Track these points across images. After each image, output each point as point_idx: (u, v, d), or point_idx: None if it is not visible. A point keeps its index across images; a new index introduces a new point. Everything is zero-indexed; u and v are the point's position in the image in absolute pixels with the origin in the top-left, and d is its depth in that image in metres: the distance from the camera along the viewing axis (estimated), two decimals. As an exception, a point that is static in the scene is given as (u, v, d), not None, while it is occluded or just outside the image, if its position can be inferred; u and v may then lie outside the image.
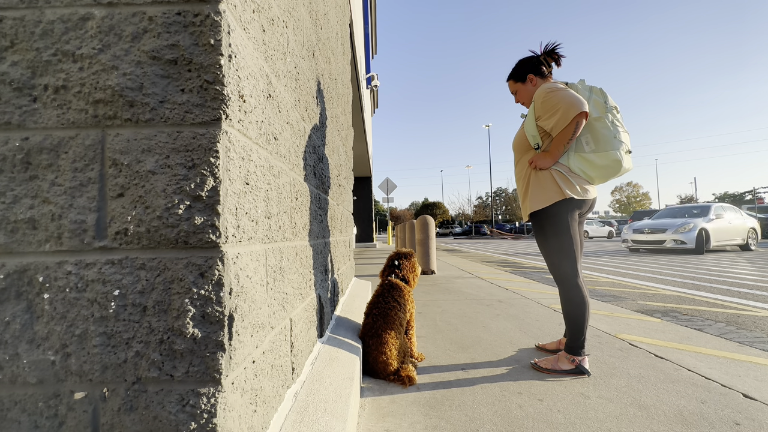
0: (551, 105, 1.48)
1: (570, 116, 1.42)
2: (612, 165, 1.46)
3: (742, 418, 1.17)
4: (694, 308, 2.99)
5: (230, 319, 0.65)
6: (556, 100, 1.46)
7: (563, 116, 1.44)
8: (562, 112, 1.44)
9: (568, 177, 1.51)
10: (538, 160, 1.55)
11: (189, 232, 0.64)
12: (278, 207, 0.98)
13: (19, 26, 0.66)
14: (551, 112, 1.48)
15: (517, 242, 18.90)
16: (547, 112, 1.50)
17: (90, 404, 0.62)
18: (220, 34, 0.66)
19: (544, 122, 1.53)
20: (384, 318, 1.57)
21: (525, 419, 1.19)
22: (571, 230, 1.52)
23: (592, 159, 1.48)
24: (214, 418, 0.62)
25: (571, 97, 1.43)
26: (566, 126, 1.45)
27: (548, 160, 1.53)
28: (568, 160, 1.53)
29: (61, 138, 0.65)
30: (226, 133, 0.67)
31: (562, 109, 1.44)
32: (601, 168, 1.48)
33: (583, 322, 1.51)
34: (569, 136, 1.46)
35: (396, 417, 1.22)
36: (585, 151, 1.50)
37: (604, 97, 1.52)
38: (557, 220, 1.53)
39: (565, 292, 1.55)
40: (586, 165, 1.50)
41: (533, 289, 3.67)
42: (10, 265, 0.64)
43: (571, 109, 1.42)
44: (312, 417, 0.92)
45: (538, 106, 1.54)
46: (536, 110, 1.56)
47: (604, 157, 1.47)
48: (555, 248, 1.55)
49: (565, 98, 1.44)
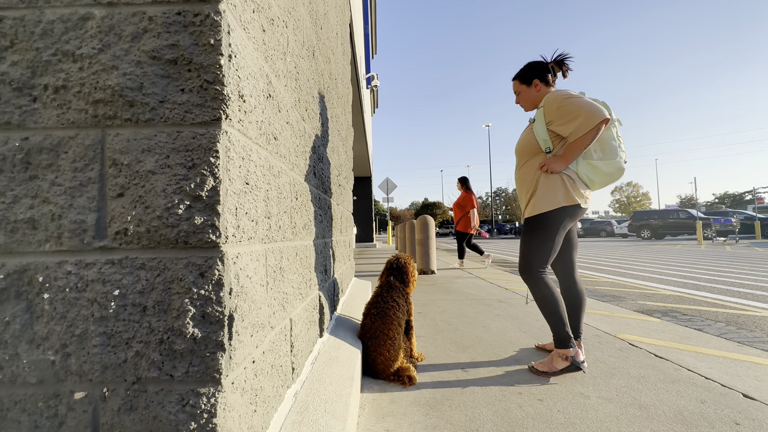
0: (569, 111, 1.51)
1: (593, 123, 1.46)
2: (615, 173, 1.56)
3: (742, 418, 1.17)
4: (694, 308, 2.99)
5: (230, 319, 0.65)
6: (575, 106, 1.49)
7: (585, 122, 1.47)
8: (585, 119, 1.47)
9: (576, 183, 1.58)
10: (551, 164, 1.57)
11: (189, 232, 0.64)
12: (278, 207, 0.98)
13: (19, 26, 0.66)
14: (569, 117, 1.51)
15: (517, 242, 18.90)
16: (563, 118, 1.53)
17: (90, 404, 0.62)
18: (220, 34, 0.66)
19: (559, 127, 1.55)
20: (383, 318, 1.57)
21: (525, 419, 1.19)
22: (557, 237, 1.58)
23: (600, 166, 1.56)
24: (214, 418, 0.62)
25: (592, 104, 1.48)
26: (587, 132, 1.48)
27: (561, 164, 1.56)
28: (576, 166, 1.58)
29: (61, 138, 0.65)
30: (226, 133, 0.67)
31: (584, 115, 1.47)
32: (605, 175, 1.57)
33: (559, 311, 1.55)
34: (588, 142, 1.50)
35: (396, 417, 1.22)
36: (593, 159, 1.57)
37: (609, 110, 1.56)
38: (554, 224, 1.57)
39: (532, 287, 1.61)
40: (593, 172, 1.57)
41: (533, 289, 3.67)
42: (10, 265, 0.64)
43: (594, 116, 1.45)
44: (312, 417, 0.92)
45: (552, 111, 1.56)
46: (547, 115, 1.59)
47: (610, 165, 1.55)
48: (536, 248, 1.59)
49: (586, 105, 1.48)
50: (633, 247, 12.18)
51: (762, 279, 4.52)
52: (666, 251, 9.58)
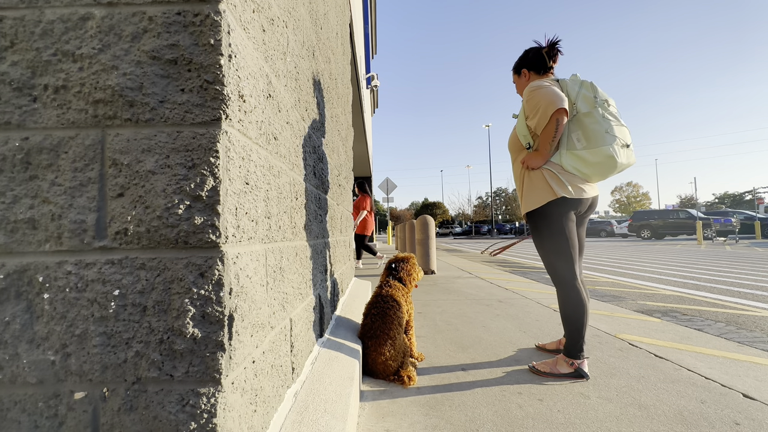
0: (534, 104, 1.48)
1: (548, 113, 1.42)
2: (605, 161, 1.42)
3: (742, 418, 1.17)
4: (694, 308, 2.99)
5: (230, 319, 0.65)
6: (538, 98, 1.46)
7: (543, 114, 1.44)
8: (542, 110, 1.44)
9: (560, 176, 1.48)
10: (529, 160, 1.54)
11: (189, 232, 0.64)
12: (278, 207, 0.98)
13: (19, 26, 0.66)
14: (534, 110, 1.48)
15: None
16: (531, 111, 1.50)
17: (90, 404, 0.62)
18: (220, 34, 0.66)
19: (530, 121, 1.52)
20: (383, 318, 1.57)
21: (525, 419, 1.19)
22: (566, 231, 1.50)
23: (585, 156, 1.44)
24: (214, 418, 0.62)
25: (551, 95, 1.42)
26: (547, 124, 1.44)
27: (538, 159, 1.52)
28: (560, 158, 1.49)
29: (61, 138, 0.65)
30: (226, 133, 0.67)
31: (542, 107, 1.44)
32: (595, 165, 1.44)
33: (582, 324, 1.48)
34: (552, 134, 1.45)
35: (396, 417, 1.22)
36: (577, 149, 1.45)
37: (594, 92, 1.47)
38: (551, 221, 1.51)
39: (562, 294, 1.53)
40: (580, 163, 1.46)
41: (533, 289, 3.67)
42: (10, 265, 0.64)
43: (550, 107, 1.41)
44: (312, 417, 0.92)
45: (525, 105, 1.54)
46: (524, 109, 1.56)
47: (596, 154, 1.42)
48: (550, 249, 1.53)
49: (545, 96, 1.43)
50: (633, 247, 12.17)
51: (762, 279, 4.52)
52: (666, 251, 9.58)
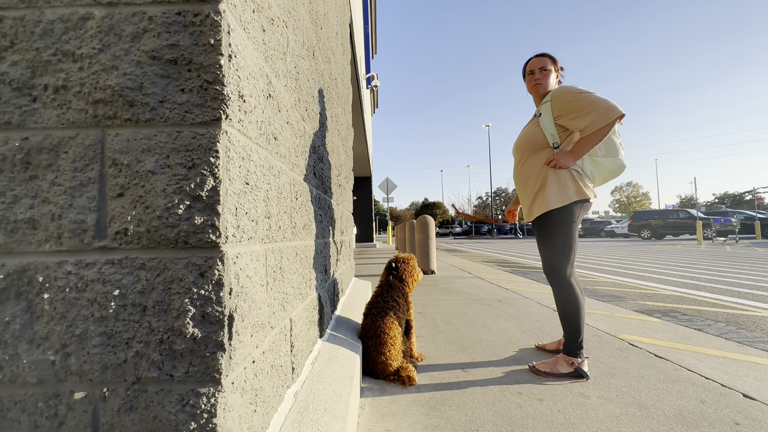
0: (583, 105, 1.49)
1: (610, 118, 1.44)
2: (617, 169, 1.58)
3: (742, 418, 1.17)
4: (694, 308, 2.99)
5: (230, 319, 0.65)
6: (589, 101, 1.48)
7: (600, 117, 1.45)
8: (600, 113, 1.45)
9: (584, 178, 1.58)
10: (560, 159, 1.55)
11: (189, 232, 0.64)
12: (278, 207, 0.98)
13: (19, 26, 0.66)
14: (582, 112, 1.49)
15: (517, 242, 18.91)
16: (576, 112, 1.51)
17: (90, 404, 0.62)
18: (220, 34, 0.66)
19: (570, 121, 1.54)
20: (383, 318, 1.57)
21: (525, 419, 1.19)
22: (576, 231, 1.57)
23: (603, 163, 1.58)
24: (214, 418, 0.62)
25: (608, 100, 1.47)
26: (602, 127, 1.47)
27: (570, 159, 1.55)
28: (582, 162, 1.59)
29: (61, 138, 0.65)
30: (226, 133, 0.67)
31: (600, 110, 1.45)
32: (608, 171, 1.59)
33: (580, 320, 1.53)
34: (602, 137, 1.48)
35: (396, 417, 1.22)
36: (598, 155, 1.59)
37: None
38: (569, 220, 1.55)
39: (560, 291, 1.57)
40: (597, 168, 1.59)
41: (533, 289, 3.67)
42: (10, 265, 0.64)
43: (611, 111, 1.44)
44: (312, 417, 0.92)
45: (563, 105, 1.54)
46: (556, 109, 1.57)
47: (613, 162, 1.58)
48: (559, 248, 1.56)
49: (601, 100, 1.47)
50: (633, 247, 12.18)
51: (762, 279, 4.52)
52: (666, 251, 9.58)
